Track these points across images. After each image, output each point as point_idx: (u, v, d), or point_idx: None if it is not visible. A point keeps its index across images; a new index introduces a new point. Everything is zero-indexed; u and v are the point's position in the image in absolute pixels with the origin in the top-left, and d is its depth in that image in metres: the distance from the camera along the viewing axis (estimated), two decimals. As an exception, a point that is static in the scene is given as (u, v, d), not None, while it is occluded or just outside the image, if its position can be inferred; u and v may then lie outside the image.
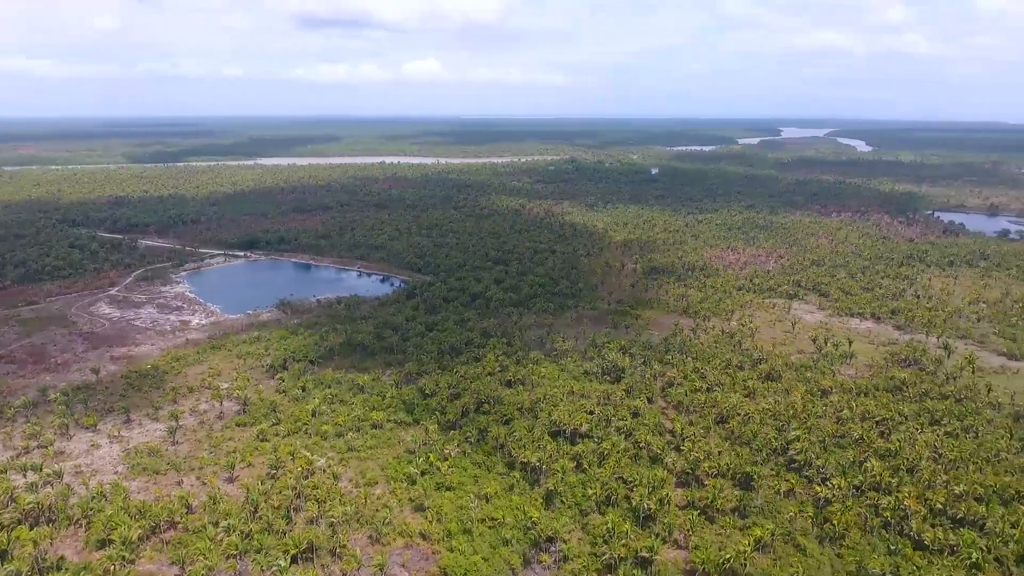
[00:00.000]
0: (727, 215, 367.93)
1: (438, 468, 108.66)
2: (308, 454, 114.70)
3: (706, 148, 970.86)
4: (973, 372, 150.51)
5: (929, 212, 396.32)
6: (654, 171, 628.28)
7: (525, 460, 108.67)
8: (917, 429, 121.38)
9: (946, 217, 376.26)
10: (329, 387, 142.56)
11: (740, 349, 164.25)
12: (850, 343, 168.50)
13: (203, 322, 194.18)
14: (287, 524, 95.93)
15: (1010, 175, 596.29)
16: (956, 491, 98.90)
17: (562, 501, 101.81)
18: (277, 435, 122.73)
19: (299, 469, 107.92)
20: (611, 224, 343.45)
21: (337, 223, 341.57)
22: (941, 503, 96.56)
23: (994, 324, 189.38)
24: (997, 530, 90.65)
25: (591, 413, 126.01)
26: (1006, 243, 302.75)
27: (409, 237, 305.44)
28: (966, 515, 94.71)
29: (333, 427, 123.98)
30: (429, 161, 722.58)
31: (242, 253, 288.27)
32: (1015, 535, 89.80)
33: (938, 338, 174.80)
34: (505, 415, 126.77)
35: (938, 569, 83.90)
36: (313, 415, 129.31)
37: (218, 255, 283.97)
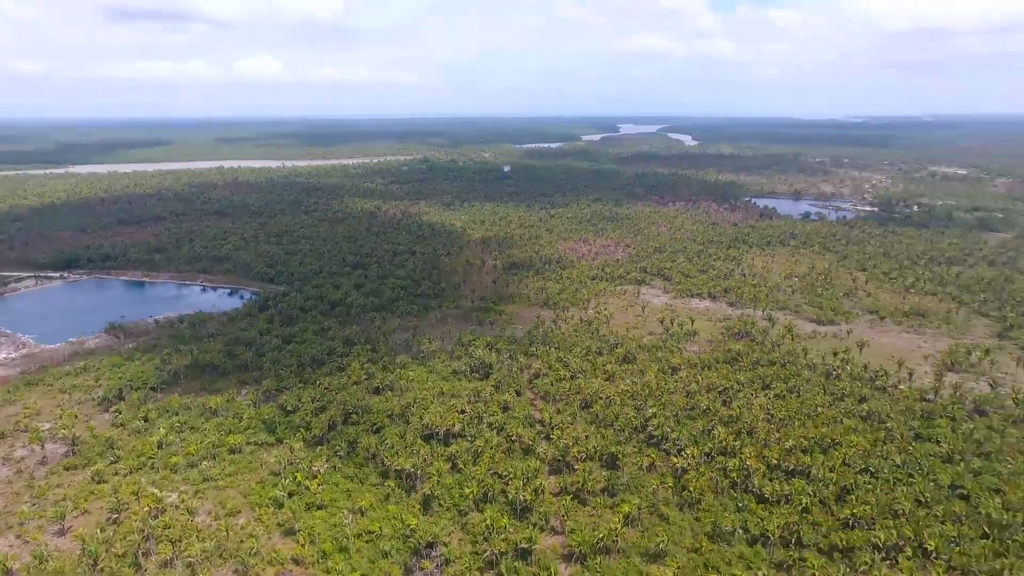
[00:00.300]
0: (577, 209, 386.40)
1: (307, 487, 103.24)
2: (156, 491, 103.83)
3: (553, 145, 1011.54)
4: (792, 339, 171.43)
5: (747, 199, 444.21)
6: (506, 169, 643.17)
7: (399, 467, 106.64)
8: (752, 395, 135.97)
9: (761, 202, 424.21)
10: (176, 414, 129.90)
11: (598, 336, 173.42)
12: (692, 322, 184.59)
13: (12, 356, 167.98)
14: (136, 572, 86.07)
15: (807, 164, 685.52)
16: (786, 446, 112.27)
17: (440, 504, 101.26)
18: (117, 474, 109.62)
19: (146, 509, 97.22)
20: (469, 222, 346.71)
21: (173, 235, 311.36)
22: (776, 459, 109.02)
23: (805, 295, 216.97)
24: (820, 476, 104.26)
25: (462, 412, 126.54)
26: (809, 224, 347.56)
27: (257, 245, 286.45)
28: (796, 466, 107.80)
29: (184, 458, 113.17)
30: (274, 164, 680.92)
31: (57, 274, 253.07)
32: (833, 478, 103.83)
33: (763, 311, 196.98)
34: (375, 423, 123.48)
35: (777, 517, 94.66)
36: (159, 447, 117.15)
37: (27, 277, 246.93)
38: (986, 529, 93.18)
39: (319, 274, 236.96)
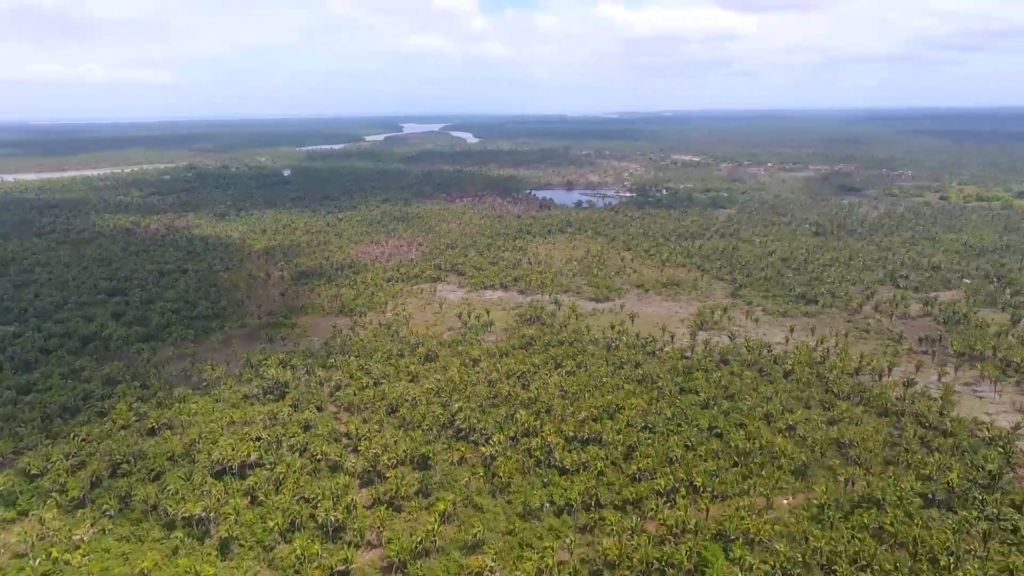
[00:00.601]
0: (366, 211, 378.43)
1: (67, 562, 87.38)
2: None
3: (336, 146, 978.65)
4: (576, 318, 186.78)
5: (528, 191, 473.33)
6: (287, 173, 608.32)
7: (187, 514, 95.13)
8: (547, 375, 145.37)
9: (540, 194, 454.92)
10: None
11: (398, 338, 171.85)
12: (488, 313, 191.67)
13: None
14: None
15: (576, 157, 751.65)
16: (580, 418, 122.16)
17: (241, 544, 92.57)
18: None
19: None
20: (248, 232, 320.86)
21: None
22: (572, 431, 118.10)
23: (584, 277, 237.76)
24: (610, 440, 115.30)
25: (258, 439, 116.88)
26: (581, 211, 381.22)
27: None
28: (589, 435, 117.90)
29: None
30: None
31: None
32: (621, 440, 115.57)
33: (550, 295, 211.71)
34: (153, 470, 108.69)
35: (577, 485, 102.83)
36: None
37: None
38: (736, 458, 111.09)
39: (64, 306, 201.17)
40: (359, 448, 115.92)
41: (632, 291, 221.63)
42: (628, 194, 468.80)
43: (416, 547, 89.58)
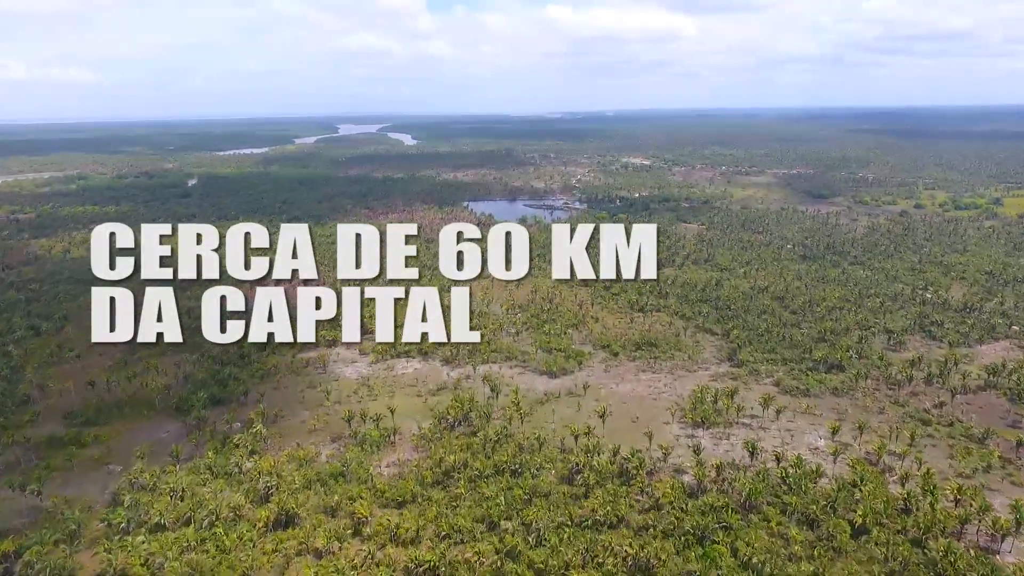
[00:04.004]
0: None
1: None
2: None
3: (258, 150, 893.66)
4: (522, 419, 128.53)
5: (465, 203, 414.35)
6: (192, 182, 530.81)
7: None
8: (473, 560, 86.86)
9: (479, 208, 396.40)
10: None
11: (241, 473, 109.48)
12: (392, 412, 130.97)
13: None
14: None
15: (520, 160, 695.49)
16: None
17: None
18: None
19: None
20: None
21: None
22: None
23: (531, 331, 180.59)
24: None
25: None
26: (527, 229, 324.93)
27: None
28: None
29: None
30: None
31: None
32: None
33: (483, 377, 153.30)
34: None
35: None
36: None
37: None
38: None
39: None
40: None
41: (597, 356, 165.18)
42: (578, 205, 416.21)
43: None
